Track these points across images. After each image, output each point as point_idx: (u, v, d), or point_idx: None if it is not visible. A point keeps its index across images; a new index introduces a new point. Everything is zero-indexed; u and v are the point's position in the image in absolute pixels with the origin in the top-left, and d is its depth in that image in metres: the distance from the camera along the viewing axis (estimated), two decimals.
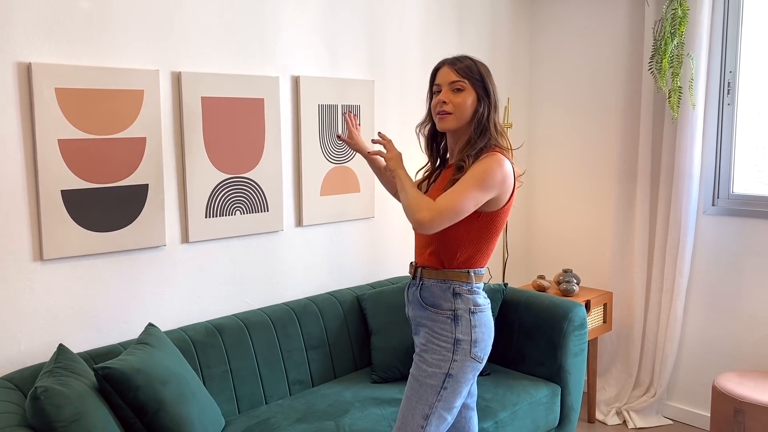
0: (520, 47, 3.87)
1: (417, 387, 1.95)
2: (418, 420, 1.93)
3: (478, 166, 1.90)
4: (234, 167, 2.66)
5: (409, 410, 1.95)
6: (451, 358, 1.92)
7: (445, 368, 1.92)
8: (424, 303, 1.99)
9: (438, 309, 1.96)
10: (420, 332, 2.01)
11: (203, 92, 2.53)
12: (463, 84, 1.97)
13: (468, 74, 1.97)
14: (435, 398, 1.92)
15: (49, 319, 2.25)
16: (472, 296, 1.96)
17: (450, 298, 1.95)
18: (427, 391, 1.93)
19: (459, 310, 1.94)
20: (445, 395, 1.92)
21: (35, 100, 2.14)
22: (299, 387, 2.66)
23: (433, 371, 1.93)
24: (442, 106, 1.98)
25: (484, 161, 1.91)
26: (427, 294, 1.99)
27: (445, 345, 1.93)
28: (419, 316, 2.02)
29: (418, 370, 1.96)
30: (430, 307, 1.98)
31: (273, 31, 2.74)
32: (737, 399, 2.74)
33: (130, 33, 2.35)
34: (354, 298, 2.95)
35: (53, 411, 1.73)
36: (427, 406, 1.92)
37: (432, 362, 1.93)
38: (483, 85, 1.98)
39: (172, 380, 2.06)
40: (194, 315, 2.60)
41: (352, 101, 3.04)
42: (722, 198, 3.25)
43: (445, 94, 1.98)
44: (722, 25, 3.16)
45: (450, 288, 1.96)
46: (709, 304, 3.30)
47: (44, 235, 2.19)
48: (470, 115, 1.98)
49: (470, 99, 1.97)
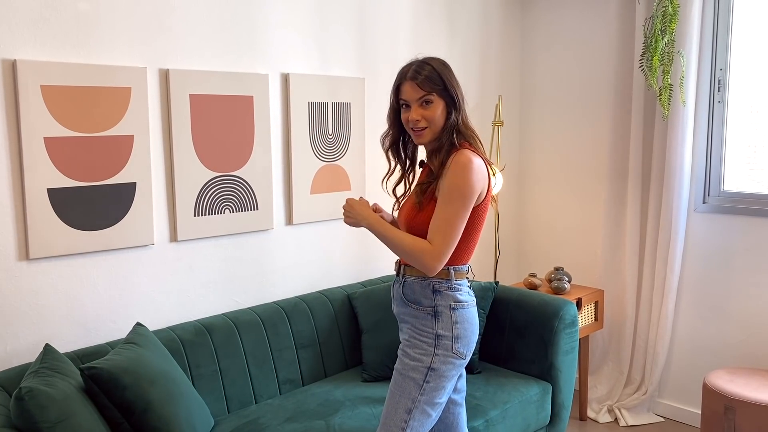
0: (510, 45, 3.86)
1: (400, 381, 1.96)
2: (401, 414, 1.93)
3: (451, 181, 1.91)
4: (223, 165, 2.64)
5: (392, 404, 1.96)
6: (433, 352, 1.94)
7: (427, 362, 1.93)
8: (406, 300, 2.02)
9: (419, 306, 1.98)
10: (404, 328, 2.04)
11: (192, 90, 2.51)
12: (429, 97, 1.97)
13: (432, 85, 1.97)
14: (418, 392, 1.93)
15: (36, 318, 2.23)
16: (452, 293, 1.97)
17: (430, 295, 1.97)
18: (409, 385, 1.94)
19: (439, 307, 1.96)
20: (427, 389, 1.93)
21: (20, 97, 2.12)
22: (289, 386, 2.64)
23: (415, 365, 1.94)
24: (416, 123, 1.99)
25: (453, 172, 1.91)
26: (408, 291, 2.01)
27: (427, 340, 1.95)
28: (402, 312, 2.04)
29: (402, 363, 1.98)
30: (411, 304, 2.00)
31: (262, 28, 2.73)
32: (728, 396, 2.75)
33: (117, 30, 2.33)
34: (345, 296, 2.94)
35: (38, 412, 1.72)
36: (410, 400, 1.93)
37: (414, 356, 1.95)
38: (448, 92, 1.98)
39: (160, 380, 2.04)
40: (183, 314, 2.58)
41: (343, 99, 3.02)
42: (713, 196, 3.26)
43: (416, 111, 1.98)
44: (713, 23, 3.17)
45: (429, 285, 1.97)
46: (700, 302, 3.31)
47: (30, 234, 2.17)
48: (443, 123, 1.99)
49: (440, 109, 1.98)
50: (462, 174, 1.90)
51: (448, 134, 1.98)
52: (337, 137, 3.02)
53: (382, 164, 3.24)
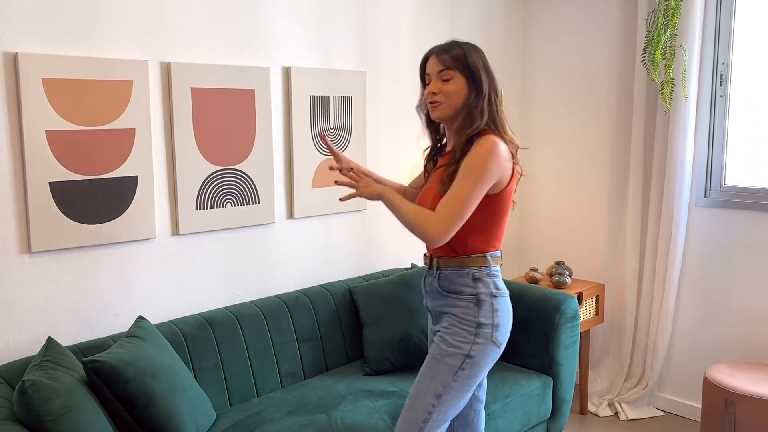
0: (512, 39, 3.85)
1: (434, 365, 1.95)
2: (430, 398, 1.92)
3: (470, 160, 1.90)
4: (224, 159, 2.64)
5: (421, 388, 1.95)
6: (473, 340, 1.92)
7: (465, 349, 1.92)
8: (444, 291, 2.00)
9: (460, 294, 1.97)
10: (441, 319, 2.01)
11: (193, 83, 2.51)
12: (451, 73, 1.96)
13: (455, 63, 1.97)
14: (451, 378, 1.92)
15: (38, 312, 2.23)
16: (492, 279, 1.97)
17: (470, 283, 1.96)
18: (443, 370, 1.92)
19: (481, 294, 1.95)
20: (461, 376, 1.92)
21: (22, 90, 2.11)
22: (291, 380, 2.65)
23: (452, 351, 1.92)
24: (433, 96, 1.99)
25: (475, 152, 1.90)
26: (446, 282, 1.99)
27: (468, 328, 1.93)
28: (440, 305, 2.02)
29: (438, 349, 1.96)
30: (451, 294, 1.98)
31: (264, 21, 2.72)
32: (728, 390, 2.75)
33: (118, 23, 2.32)
34: (346, 290, 2.94)
35: (41, 405, 1.72)
36: (442, 385, 1.92)
37: (453, 343, 1.93)
38: (471, 72, 1.97)
39: (162, 373, 2.05)
40: (185, 308, 2.58)
41: (344, 92, 3.01)
42: (714, 190, 3.26)
43: (435, 84, 1.99)
44: (715, 17, 3.16)
45: (469, 273, 1.96)
46: (701, 296, 3.31)
47: (32, 227, 2.17)
48: (461, 102, 1.97)
49: (459, 87, 1.96)
50: (483, 156, 1.89)
51: (467, 115, 1.96)
52: (338, 131, 3.02)
53: (383, 158, 3.25)
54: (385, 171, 3.27)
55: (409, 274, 2.95)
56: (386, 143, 3.26)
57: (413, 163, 3.40)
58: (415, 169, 3.41)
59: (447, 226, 1.87)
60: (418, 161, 3.40)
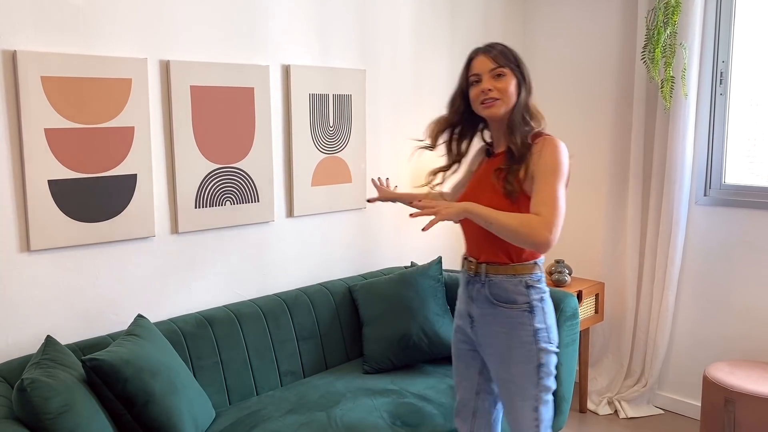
0: (512, 37, 3.84)
1: (514, 388, 1.96)
2: (529, 414, 1.95)
3: (548, 161, 1.88)
4: (224, 157, 2.63)
5: (517, 412, 1.97)
6: (536, 348, 1.93)
7: (534, 361, 1.93)
8: (495, 300, 1.96)
9: (513, 304, 1.94)
10: (489, 330, 1.99)
11: (192, 81, 2.50)
12: (502, 70, 1.95)
13: (506, 60, 1.96)
14: (536, 390, 1.95)
15: (37, 310, 2.23)
16: (540, 285, 1.97)
17: (524, 291, 1.94)
18: (526, 387, 1.94)
19: (534, 301, 1.94)
20: (542, 384, 1.95)
21: (21, 88, 2.11)
22: (290, 378, 2.65)
23: (524, 369, 1.94)
24: (488, 93, 1.95)
25: (549, 152, 1.89)
26: (497, 290, 1.96)
27: (527, 339, 1.93)
28: (488, 313, 1.98)
29: (507, 373, 1.96)
30: (503, 304, 1.95)
31: (263, 19, 2.71)
32: (728, 389, 2.75)
33: (118, 21, 2.31)
34: (346, 289, 2.94)
35: (40, 403, 1.72)
36: (533, 399, 1.95)
37: (520, 359, 1.94)
38: (520, 70, 1.98)
39: (161, 372, 2.04)
40: (184, 306, 2.58)
41: (344, 91, 3.01)
42: (714, 188, 3.26)
43: (488, 81, 1.95)
44: (715, 15, 3.15)
45: (522, 281, 1.94)
46: (701, 295, 3.31)
47: (31, 225, 2.17)
48: (514, 99, 1.96)
49: (513, 84, 1.96)
50: (560, 154, 1.89)
51: (519, 114, 1.95)
52: (338, 129, 3.02)
53: (383, 156, 3.25)
54: (384, 169, 3.27)
55: (409, 272, 2.94)
56: (386, 141, 3.26)
57: (413, 161, 3.40)
58: (415, 168, 3.41)
59: (556, 227, 1.83)
60: (418, 159, 3.40)
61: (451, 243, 3.66)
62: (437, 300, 2.85)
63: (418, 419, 2.33)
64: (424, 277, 2.89)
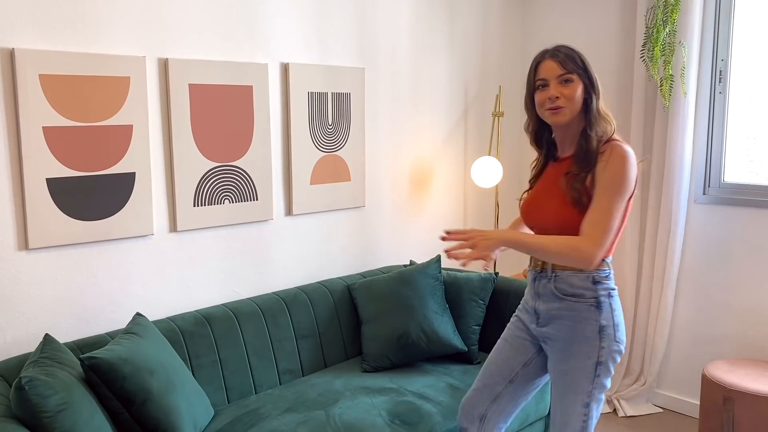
0: (511, 35, 3.84)
1: (568, 381, 1.96)
2: (580, 410, 1.95)
3: (610, 175, 1.87)
4: (222, 155, 2.63)
5: (567, 405, 1.97)
6: (599, 345, 1.92)
7: (594, 357, 1.92)
8: (562, 294, 1.96)
9: (580, 298, 1.94)
10: (554, 324, 1.99)
11: (191, 79, 2.50)
12: (570, 76, 1.94)
13: (573, 64, 1.94)
14: (591, 386, 1.94)
15: (35, 308, 2.23)
16: (609, 281, 1.96)
17: (591, 287, 1.94)
18: (581, 382, 1.94)
19: (601, 297, 1.94)
20: (598, 381, 1.94)
21: (19, 86, 2.10)
22: (289, 376, 2.65)
23: (582, 363, 1.93)
24: (555, 101, 1.94)
25: (615, 164, 1.88)
26: (564, 285, 1.96)
27: (591, 334, 1.93)
28: (555, 308, 1.98)
29: (564, 364, 1.96)
30: (569, 297, 1.95)
31: (262, 17, 2.71)
32: (726, 387, 2.75)
33: (116, 18, 2.31)
34: (344, 287, 2.94)
35: (38, 401, 1.71)
36: (585, 395, 1.94)
37: (581, 353, 1.94)
38: (587, 74, 1.96)
39: (159, 370, 2.04)
40: (183, 304, 2.58)
41: (342, 89, 3.01)
42: (713, 187, 3.25)
43: (555, 88, 1.94)
44: (714, 13, 3.15)
45: (589, 277, 1.94)
46: (700, 293, 3.31)
47: (29, 223, 2.17)
48: (580, 105, 1.95)
49: (579, 90, 1.94)
50: (625, 167, 1.87)
51: (588, 120, 1.94)
52: (336, 127, 3.01)
53: (382, 154, 3.25)
54: (383, 168, 3.27)
55: (408, 270, 2.94)
56: (385, 140, 3.26)
57: (411, 159, 3.40)
58: (413, 166, 3.41)
59: (602, 247, 1.86)
60: (417, 158, 3.41)
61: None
62: (436, 298, 2.85)
63: (416, 417, 2.33)
64: (423, 276, 2.89)
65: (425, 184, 3.47)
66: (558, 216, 1.94)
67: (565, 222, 1.93)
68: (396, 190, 3.34)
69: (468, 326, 2.87)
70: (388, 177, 3.29)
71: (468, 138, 3.66)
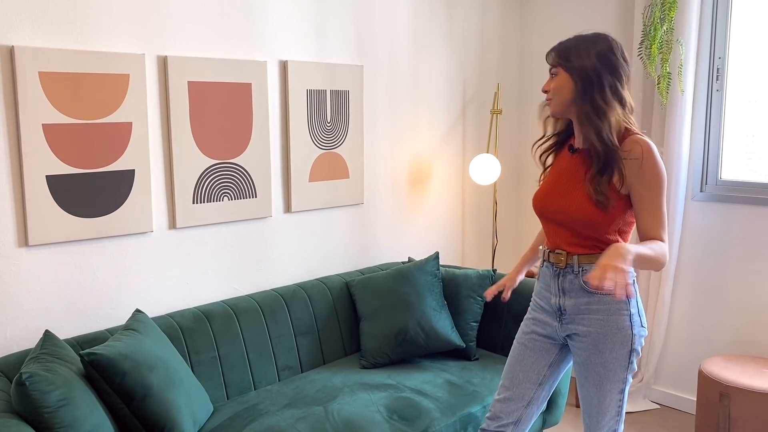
0: (509, 32, 3.85)
1: (604, 372, 2.00)
2: (616, 397, 2.02)
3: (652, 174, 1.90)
4: (221, 153, 2.64)
5: (604, 395, 2.02)
6: (631, 334, 1.97)
7: (628, 345, 1.98)
8: (590, 290, 1.97)
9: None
10: (584, 319, 2.00)
11: (190, 77, 2.51)
12: (555, 69, 1.98)
13: (559, 58, 1.96)
14: (625, 373, 2.01)
15: (35, 305, 2.24)
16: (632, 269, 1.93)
17: None
18: (616, 371, 1.99)
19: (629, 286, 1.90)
20: (631, 367, 2.01)
21: (18, 84, 2.11)
22: (288, 373, 2.66)
23: (618, 352, 1.97)
24: (546, 94, 2.02)
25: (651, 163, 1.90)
26: None
27: (624, 324, 1.96)
28: (584, 303, 1.99)
29: (600, 356, 1.99)
30: (599, 292, 1.96)
31: (261, 15, 2.72)
32: (723, 383, 2.77)
33: (115, 16, 2.32)
34: (343, 284, 2.95)
35: (39, 397, 1.73)
36: (621, 382, 2.01)
37: (615, 343, 1.97)
38: (574, 67, 1.93)
39: (159, 366, 2.05)
40: (182, 301, 2.59)
41: (341, 86, 3.02)
42: (710, 184, 3.27)
43: (547, 82, 2.01)
44: (712, 11, 3.16)
45: None
46: (697, 290, 3.33)
47: (29, 220, 2.18)
48: (569, 97, 1.96)
49: (564, 82, 1.95)
50: (660, 162, 1.93)
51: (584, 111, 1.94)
52: (335, 125, 3.02)
53: (380, 152, 3.25)
54: (382, 165, 3.28)
55: (406, 267, 2.95)
56: (383, 137, 3.26)
57: (410, 156, 3.41)
58: (411, 163, 3.42)
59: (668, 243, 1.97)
60: (415, 155, 3.42)
61: (447, 239, 3.67)
62: (434, 295, 2.86)
63: (414, 413, 2.35)
64: (421, 273, 2.90)
65: (423, 181, 3.48)
66: (581, 209, 1.95)
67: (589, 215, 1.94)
68: (394, 188, 3.35)
69: (466, 323, 2.88)
70: (387, 174, 3.30)
71: (466, 135, 3.67)
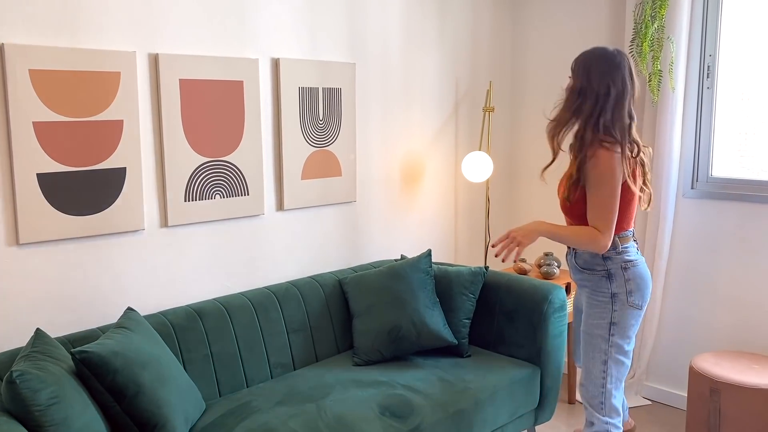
0: (501, 30, 3.86)
1: (589, 340, 2.34)
2: (599, 366, 2.32)
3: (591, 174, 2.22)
4: (213, 150, 2.64)
5: (589, 361, 2.34)
6: (611, 309, 2.28)
7: (607, 318, 2.29)
8: (581, 267, 2.36)
9: (593, 271, 2.32)
10: (583, 292, 2.41)
11: (181, 74, 2.50)
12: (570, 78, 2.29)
13: (573, 68, 2.28)
14: (606, 345, 2.30)
15: (26, 303, 2.23)
16: (620, 256, 2.28)
17: (601, 262, 2.30)
18: (598, 341, 2.31)
19: (612, 269, 2.28)
20: (614, 341, 2.29)
21: (8, 82, 2.11)
22: (281, 370, 2.66)
23: (598, 323, 2.31)
24: None
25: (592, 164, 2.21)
26: (580, 260, 2.36)
27: (604, 299, 2.30)
28: (578, 278, 2.40)
29: (587, 325, 2.35)
30: (586, 270, 2.35)
31: (253, 12, 2.71)
32: (713, 379, 2.79)
33: (106, 13, 2.31)
34: (336, 281, 2.95)
35: (30, 395, 1.72)
36: (603, 353, 2.30)
37: (596, 315, 2.31)
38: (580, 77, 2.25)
39: (151, 364, 2.05)
40: (174, 299, 2.59)
41: (333, 84, 3.02)
42: (701, 181, 3.28)
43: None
44: (702, 9, 3.17)
45: (598, 254, 2.28)
46: (688, 287, 3.34)
47: (20, 219, 2.17)
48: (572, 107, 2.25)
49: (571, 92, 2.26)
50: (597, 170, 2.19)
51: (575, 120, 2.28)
52: (327, 123, 3.02)
53: (372, 149, 3.26)
54: (374, 162, 3.28)
55: (399, 265, 2.96)
56: (376, 135, 3.27)
57: (402, 154, 3.41)
58: (404, 161, 3.43)
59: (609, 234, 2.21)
60: (408, 153, 3.42)
61: (440, 236, 3.68)
62: (427, 292, 2.87)
63: (407, 410, 2.35)
64: (413, 270, 2.91)
65: (416, 179, 3.49)
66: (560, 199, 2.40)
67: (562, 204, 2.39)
68: (387, 185, 3.35)
69: (458, 320, 2.89)
70: (379, 172, 3.31)
71: (459, 133, 3.68)
